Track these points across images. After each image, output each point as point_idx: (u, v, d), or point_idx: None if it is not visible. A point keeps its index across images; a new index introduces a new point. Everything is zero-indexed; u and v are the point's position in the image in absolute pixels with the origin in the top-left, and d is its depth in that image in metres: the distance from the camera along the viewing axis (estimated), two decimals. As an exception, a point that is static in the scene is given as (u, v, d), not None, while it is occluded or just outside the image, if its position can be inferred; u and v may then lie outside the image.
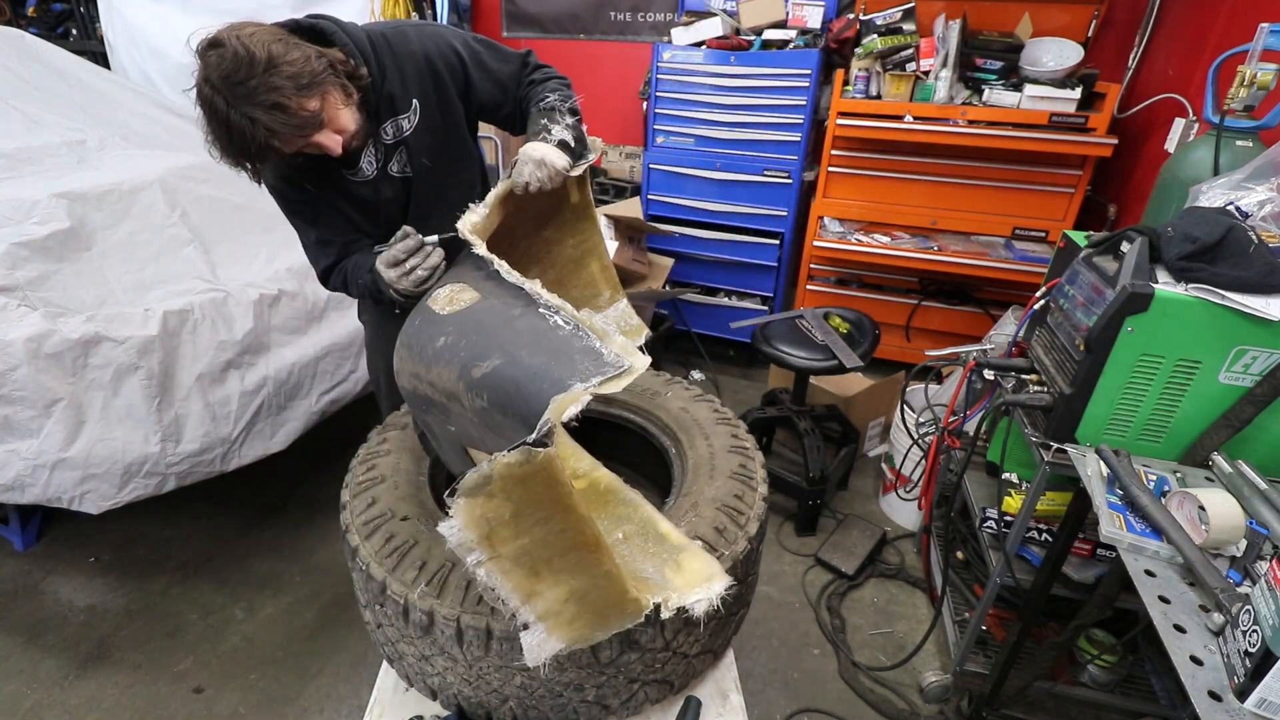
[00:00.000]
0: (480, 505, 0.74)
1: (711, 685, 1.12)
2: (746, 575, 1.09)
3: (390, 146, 1.34)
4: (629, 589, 0.84)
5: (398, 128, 1.33)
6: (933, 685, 1.83)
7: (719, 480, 1.17)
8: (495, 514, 0.75)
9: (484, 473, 0.71)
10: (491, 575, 0.79)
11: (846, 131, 2.86)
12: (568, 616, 0.84)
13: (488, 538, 0.77)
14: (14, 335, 1.64)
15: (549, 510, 0.77)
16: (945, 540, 1.99)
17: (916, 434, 2.03)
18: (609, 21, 3.80)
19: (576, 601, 0.83)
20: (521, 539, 0.78)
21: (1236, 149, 1.65)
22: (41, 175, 2.13)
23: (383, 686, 1.15)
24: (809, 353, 2.26)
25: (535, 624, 0.82)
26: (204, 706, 1.79)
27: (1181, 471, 1.28)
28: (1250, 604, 0.89)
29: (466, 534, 0.75)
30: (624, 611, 0.85)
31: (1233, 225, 1.22)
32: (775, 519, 2.51)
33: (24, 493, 1.73)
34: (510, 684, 0.95)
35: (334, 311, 2.33)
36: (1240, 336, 1.20)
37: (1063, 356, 1.40)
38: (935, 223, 2.98)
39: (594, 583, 0.83)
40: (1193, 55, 2.41)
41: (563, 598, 0.83)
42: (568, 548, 0.80)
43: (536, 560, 0.80)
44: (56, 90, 2.69)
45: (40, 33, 3.67)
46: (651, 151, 3.29)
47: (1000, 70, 2.73)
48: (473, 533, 0.76)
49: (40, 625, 2.00)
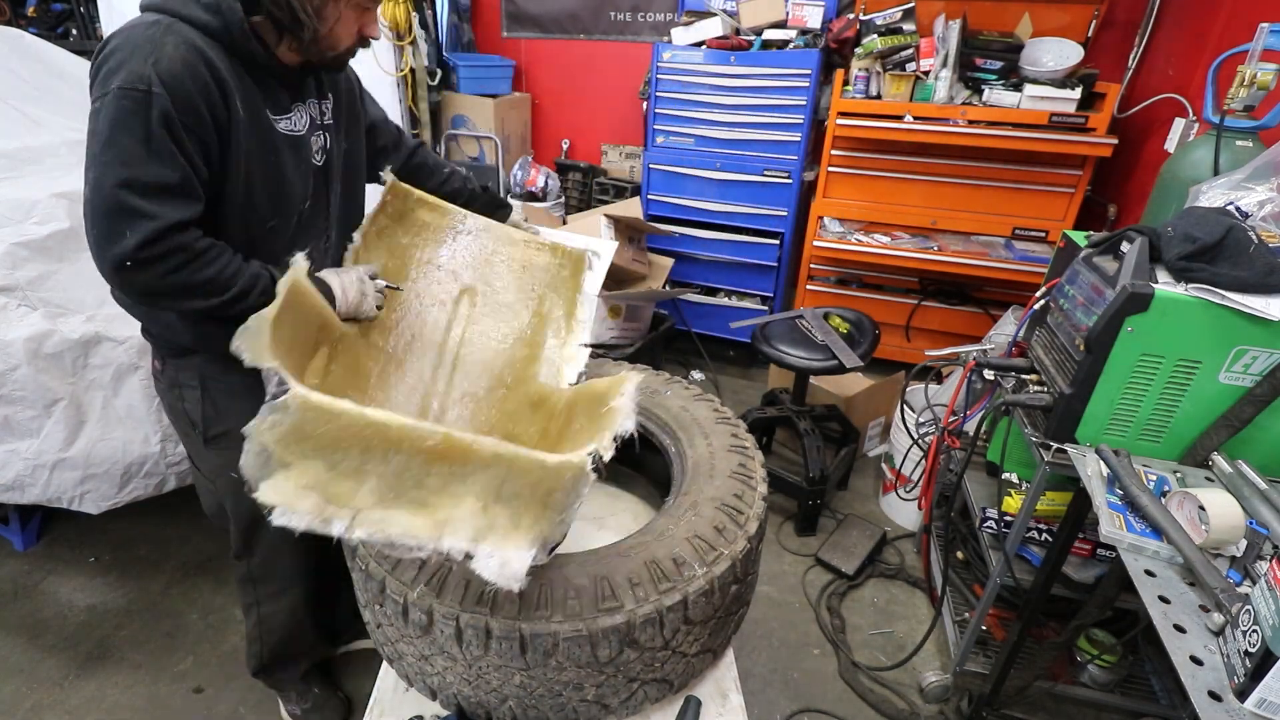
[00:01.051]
0: (288, 479, 0.70)
1: (711, 685, 1.12)
2: (746, 575, 1.09)
3: (314, 123, 1.23)
4: (544, 458, 0.76)
5: (323, 110, 1.25)
6: (933, 685, 1.83)
7: (718, 479, 1.17)
8: (313, 477, 0.70)
9: (258, 447, 0.68)
10: (376, 532, 0.72)
11: (846, 131, 2.86)
12: (504, 520, 0.76)
13: (331, 501, 0.71)
14: (14, 335, 1.65)
15: (360, 441, 0.72)
16: (945, 540, 1.99)
17: (916, 434, 2.03)
18: (609, 21, 3.80)
19: (499, 502, 0.75)
20: (368, 481, 0.72)
21: (1236, 149, 1.65)
22: (41, 175, 2.13)
23: (383, 686, 1.15)
24: (809, 353, 2.26)
25: (477, 547, 0.74)
26: (204, 706, 1.79)
27: (1181, 471, 1.28)
28: (1250, 604, 0.89)
29: (304, 511, 0.70)
30: (560, 479, 0.76)
31: (1233, 225, 1.22)
32: (775, 519, 2.51)
33: (24, 493, 1.73)
34: (510, 683, 0.95)
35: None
36: (1240, 336, 1.20)
37: (1063, 356, 1.39)
38: (935, 223, 2.98)
39: (498, 474, 0.75)
40: (1193, 55, 2.41)
41: (479, 508, 0.75)
42: (427, 461, 0.74)
43: (407, 491, 0.74)
44: (56, 90, 2.68)
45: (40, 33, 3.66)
46: (651, 151, 3.29)
47: (1000, 70, 2.73)
48: (307, 505, 0.70)
49: (40, 625, 2.00)
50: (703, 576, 0.97)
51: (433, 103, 3.68)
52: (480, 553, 0.74)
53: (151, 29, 0.98)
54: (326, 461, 0.72)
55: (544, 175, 3.76)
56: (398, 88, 3.45)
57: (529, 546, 0.75)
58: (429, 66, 3.55)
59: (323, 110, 1.25)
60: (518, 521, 0.76)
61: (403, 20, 3.31)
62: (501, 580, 0.74)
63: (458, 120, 3.82)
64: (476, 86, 3.76)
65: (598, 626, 0.90)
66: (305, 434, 0.71)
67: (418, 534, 0.73)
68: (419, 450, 0.74)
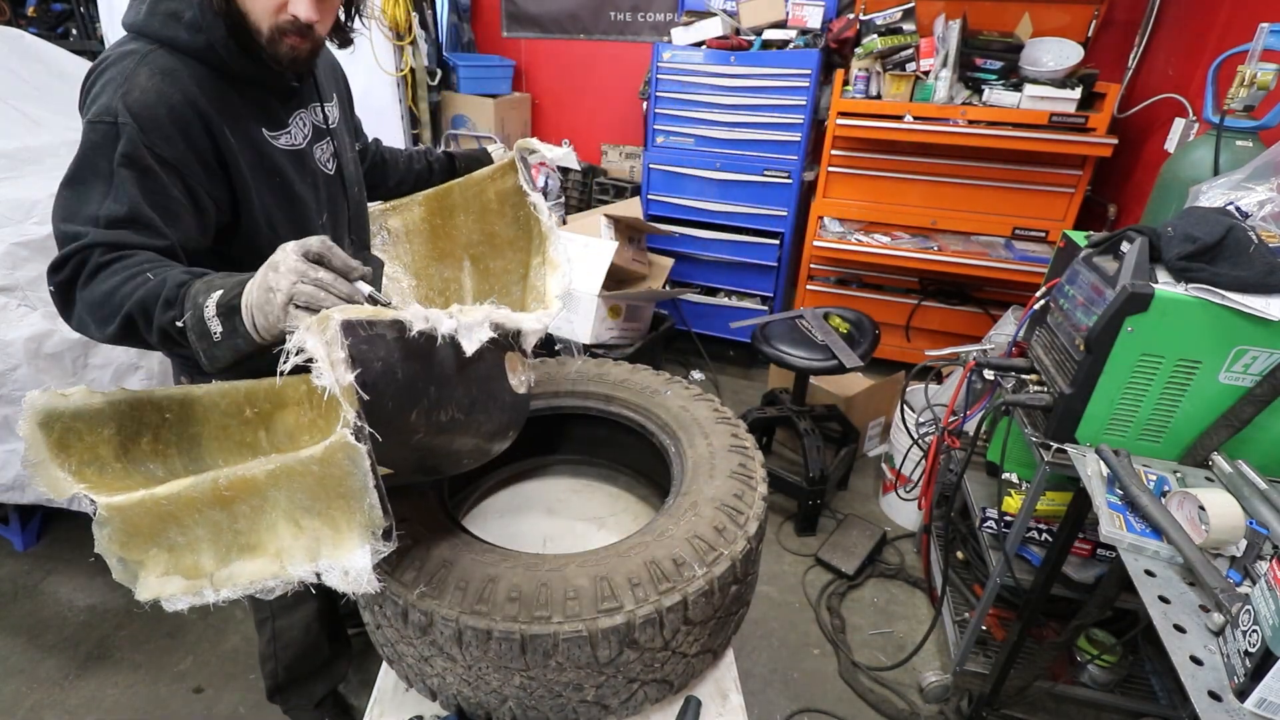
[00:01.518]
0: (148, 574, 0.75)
1: (711, 685, 1.12)
2: (746, 575, 1.09)
3: (319, 130, 1.18)
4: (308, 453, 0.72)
5: (326, 115, 1.19)
6: (933, 685, 1.83)
7: (718, 479, 1.16)
8: (164, 563, 0.75)
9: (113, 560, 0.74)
10: (235, 588, 0.75)
11: (846, 131, 2.86)
12: (323, 529, 0.75)
13: (188, 576, 0.75)
14: (14, 335, 1.65)
15: (168, 517, 0.75)
16: (945, 540, 1.99)
17: (916, 434, 2.03)
18: (609, 21, 3.80)
19: (307, 515, 0.75)
20: (201, 547, 0.75)
21: (1236, 149, 1.65)
22: (41, 175, 2.13)
23: (383, 686, 1.15)
24: (809, 353, 2.26)
25: (319, 565, 0.74)
26: (204, 706, 1.79)
27: (1181, 471, 1.28)
28: (1250, 604, 0.89)
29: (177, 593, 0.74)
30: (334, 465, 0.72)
31: (1233, 225, 1.22)
32: (775, 519, 2.51)
33: (24, 493, 1.74)
34: (509, 684, 0.95)
35: (334, 311, 2.33)
36: (1240, 336, 1.20)
37: (1063, 356, 1.39)
38: (935, 223, 2.98)
39: (284, 490, 0.74)
40: (1193, 55, 2.41)
41: (294, 528, 0.75)
42: (224, 506, 0.75)
43: (232, 541, 0.75)
44: (56, 90, 2.69)
45: (40, 33, 3.66)
46: (651, 151, 3.29)
47: (1000, 70, 2.73)
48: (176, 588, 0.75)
49: (40, 625, 2.00)
50: (703, 577, 0.97)
51: (433, 103, 3.68)
52: (323, 569, 0.74)
53: (126, 60, 0.95)
54: (161, 546, 0.75)
55: (544, 175, 3.76)
56: (398, 88, 3.45)
57: (360, 544, 0.74)
58: (429, 66, 3.55)
59: (326, 114, 1.20)
60: (335, 525, 0.74)
61: (403, 20, 3.31)
62: (353, 587, 0.73)
63: (458, 120, 3.82)
64: (476, 86, 3.76)
65: (597, 627, 0.90)
66: (132, 532, 0.74)
67: (265, 575, 0.74)
68: (211, 501, 0.74)
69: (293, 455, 0.71)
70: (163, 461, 0.89)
